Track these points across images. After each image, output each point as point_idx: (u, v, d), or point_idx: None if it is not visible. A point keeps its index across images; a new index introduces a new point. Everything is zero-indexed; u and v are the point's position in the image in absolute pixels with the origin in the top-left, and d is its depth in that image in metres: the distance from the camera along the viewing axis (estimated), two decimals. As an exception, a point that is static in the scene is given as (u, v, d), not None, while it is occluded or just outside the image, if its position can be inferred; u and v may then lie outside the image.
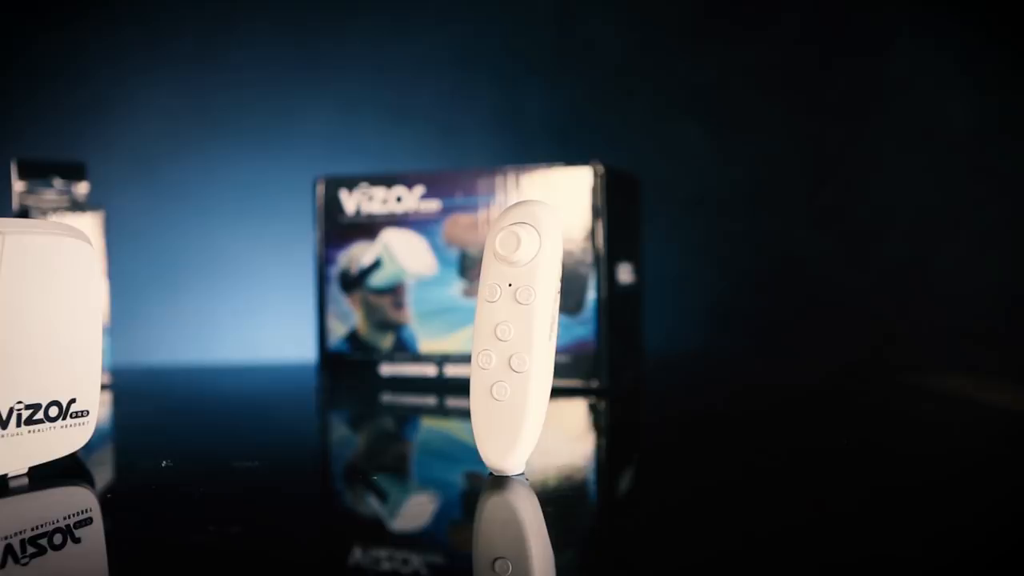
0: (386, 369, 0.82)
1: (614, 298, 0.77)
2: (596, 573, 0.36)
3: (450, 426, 0.70)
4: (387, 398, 0.79)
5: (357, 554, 0.37)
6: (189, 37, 1.17)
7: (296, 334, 1.08)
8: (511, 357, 0.45)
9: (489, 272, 0.46)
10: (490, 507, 0.44)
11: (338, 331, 0.83)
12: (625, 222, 0.81)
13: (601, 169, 0.75)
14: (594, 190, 0.75)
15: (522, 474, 0.47)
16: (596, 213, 0.75)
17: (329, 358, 0.84)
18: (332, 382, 0.84)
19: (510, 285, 0.45)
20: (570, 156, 0.78)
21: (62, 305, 0.47)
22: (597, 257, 0.75)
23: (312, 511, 0.46)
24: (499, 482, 0.46)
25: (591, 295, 0.75)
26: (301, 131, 1.18)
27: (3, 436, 0.45)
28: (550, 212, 0.46)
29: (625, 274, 0.81)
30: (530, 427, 0.45)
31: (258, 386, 0.94)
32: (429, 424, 0.72)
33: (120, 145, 1.15)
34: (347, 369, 0.83)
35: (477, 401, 0.46)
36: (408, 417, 0.75)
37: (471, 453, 0.47)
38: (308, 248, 0.92)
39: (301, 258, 1.03)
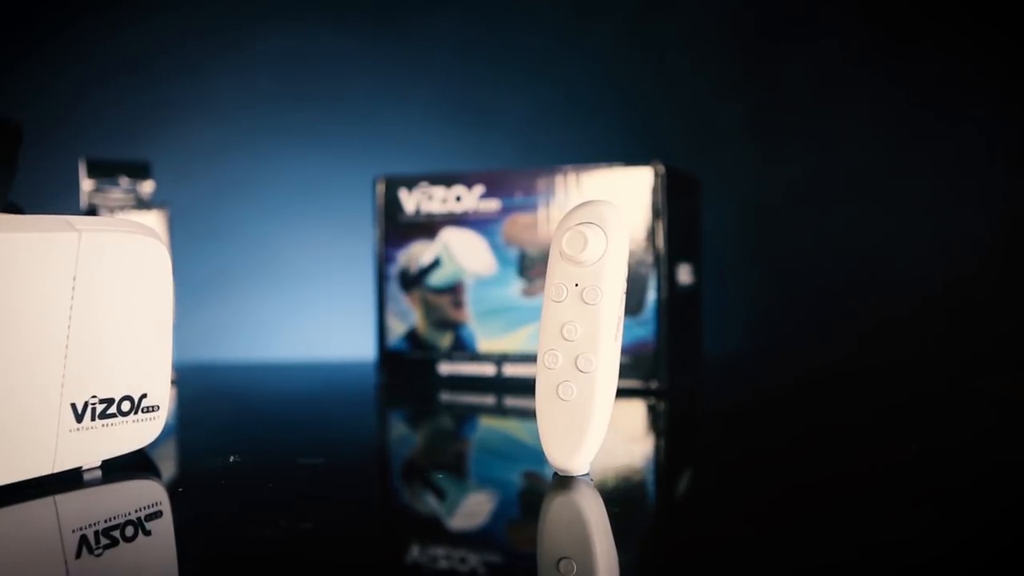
0: (445, 368, 0.82)
1: (674, 299, 0.77)
2: (661, 574, 0.36)
3: (510, 426, 0.70)
4: (446, 397, 0.79)
5: (425, 553, 0.37)
6: (251, 37, 1.19)
7: (354, 332, 1.09)
8: (577, 357, 0.45)
9: (555, 272, 0.46)
10: (555, 507, 0.44)
11: (397, 329, 0.84)
12: (685, 222, 0.81)
13: (662, 169, 0.75)
14: (654, 190, 0.75)
15: (587, 474, 0.47)
16: (656, 213, 0.75)
17: (388, 356, 0.84)
18: (391, 380, 0.84)
19: (576, 285, 0.45)
20: (631, 156, 0.78)
21: (135, 301, 0.48)
22: (657, 257, 0.75)
23: (378, 509, 0.46)
24: (564, 482, 0.46)
25: (651, 295, 0.75)
26: (361, 130, 1.19)
27: (78, 429, 0.46)
28: (616, 212, 0.46)
29: (685, 275, 0.80)
30: (596, 427, 0.45)
31: (317, 384, 0.94)
32: (490, 424, 0.72)
33: (181, 144, 1.16)
34: (406, 368, 0.83)
35: (543, 401, 0.46)
36: (467, 416, 0.75)
37: (531, 453, 0.47)
38: (367, 246, 0.92)
39: (360, 255, 1.04)
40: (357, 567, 0.36)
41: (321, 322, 1.18)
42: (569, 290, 0.45)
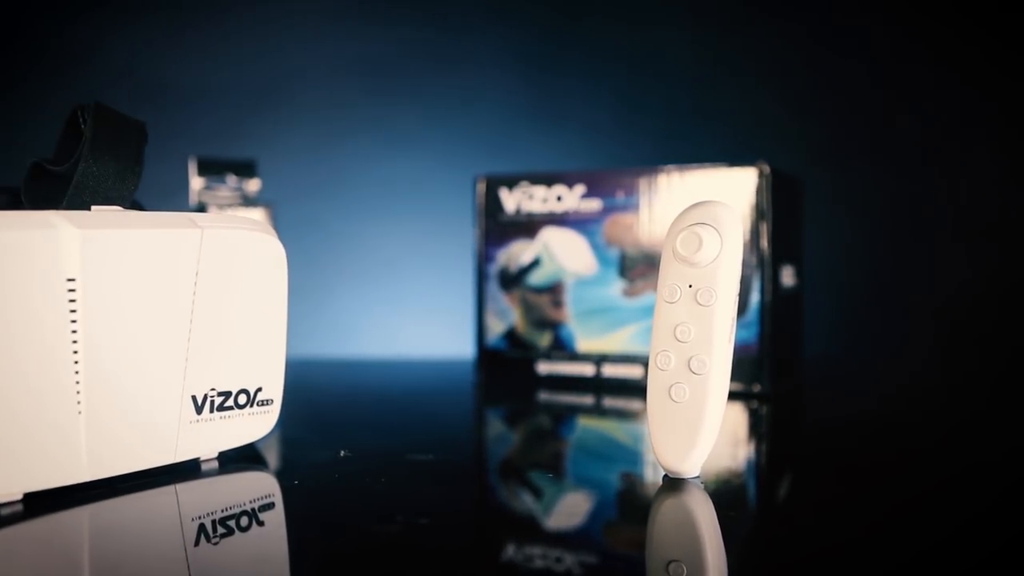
0: (543, 367, 0.82)
1: (777, 301, 0.76)
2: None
3: (610, 426, 0.70)
4: (544, 396, 0.79)
5: (526, 551, 0.37)
6: (348, 38, 1.20)
7: (450, 330, 1.10)
8: (691, 359, 0.44)
9: (669, 272, 0.45)
10: (665, 509, 0.43)
11: (496, 328, 0.84)
12: (788, 224, 0.79)
13: (767, 170, 0.74)
14: (759, 191, 0.74)
15: (697, 477, 0.46)
16: (761, 215, 0.74)
17: (487, 355, 0.85)
18: (489, 379, 0.84)
19: (690, 286, 0.45)
20: (733, 157, 0.77)
21: (253, 297, 0.49)
22: (761, 259, 0.74)
23: (492, 506, 0.47)
24: (674, 484, 0.45)
25: (755, 298, 0.74)
26: (458, 130, 1.20)
27: (198, 421, 0.47)
28: (731, 213, 0.45)
29: (788, 277, 0.79)
30: (708, 430, 0.45)
31: (414, 381, 0.95)
32: (591, 424, 0.72)
33: (278, 143, 1.19)
34: (504, 366, 0.84)
35: (655, 402, 0.45)
36: (567, 416, 0.75)
37: (632, 454, 0.46)
38: (463, 245, 0.93)
39: (455, 253, 1.04)
40: (482, 564, 0.36)
41: (416, 320, 1.19)
42: (683, 291, 0.45)
